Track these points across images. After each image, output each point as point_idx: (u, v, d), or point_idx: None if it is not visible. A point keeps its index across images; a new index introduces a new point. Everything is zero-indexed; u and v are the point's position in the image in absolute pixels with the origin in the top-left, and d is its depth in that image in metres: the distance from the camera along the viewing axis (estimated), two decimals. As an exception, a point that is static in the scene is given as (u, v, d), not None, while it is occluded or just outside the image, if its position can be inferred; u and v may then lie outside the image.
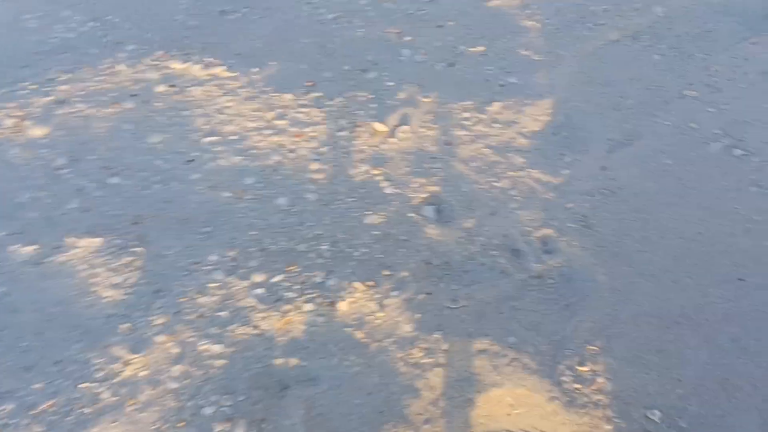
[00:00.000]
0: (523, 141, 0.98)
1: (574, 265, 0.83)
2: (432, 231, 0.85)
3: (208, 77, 1.06)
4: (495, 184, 0.91)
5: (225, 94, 1.03)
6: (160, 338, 0.75)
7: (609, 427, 0.68)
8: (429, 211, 0.88)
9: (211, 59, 1.09)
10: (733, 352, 0.75)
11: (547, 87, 1.06)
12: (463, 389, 0.71)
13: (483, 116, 1.01)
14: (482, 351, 0.74)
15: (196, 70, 1.06)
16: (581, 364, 0.72)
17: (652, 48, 1.16)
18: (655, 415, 0.69)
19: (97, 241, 0.83)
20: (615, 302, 0.78)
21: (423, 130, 0.98)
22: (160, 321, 0.77)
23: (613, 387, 0.71)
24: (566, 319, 0.77)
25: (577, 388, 0.70)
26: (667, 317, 0.77)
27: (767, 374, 0.73)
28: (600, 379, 0.71)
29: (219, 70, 1.06)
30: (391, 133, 0.97)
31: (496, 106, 1.03)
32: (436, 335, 0.75)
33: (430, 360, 0.73)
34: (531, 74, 1.09)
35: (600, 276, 0.81)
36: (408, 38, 1.14)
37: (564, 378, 0.71)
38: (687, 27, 1.21)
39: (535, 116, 1.01)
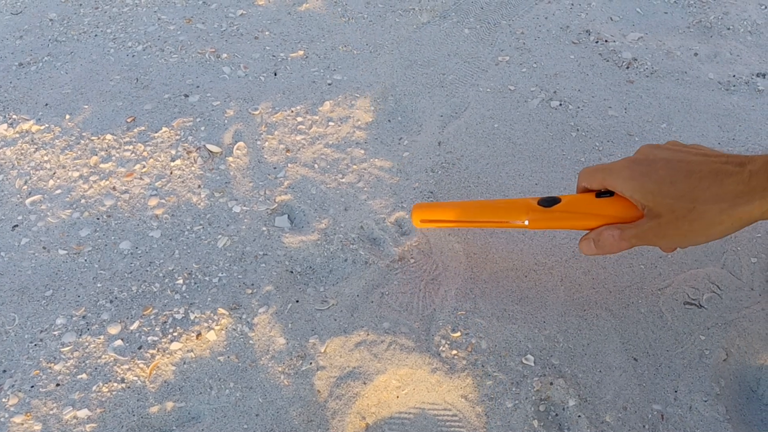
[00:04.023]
0: (360, 134, 0.99)
1: (430, 240, 0.85)
2: (289, 239, 0.84)
3: (17, 135, 0.98)
4: (342, 180, 0.91)
5: (40, 148, 0.96)
6: (18, 419, 0.69)
7: (490, 382, 0.70)
8: (282, 221, 0.86)
9: (17, 116, 1.01)
10: (587, 284, 0.80)
11: (373, 77, 1.08)
12: (348, 385, 0.71)
13: (316, 117, 1.01)
14: (360, 343, 0.74)
15: (2, 129, 0.98)
16: (454, 330, 0.74)
17: (461, 23, 1.22)
18: (529, 359, 0.72)
19: None
20: (473, 265, 0.80)
21: (259, 142, 0.97)
22: (13, 401, 0.70)
23: (486, 344, 0.73)
24: (433, 292, 0.79)
25: (455, 354, 0.72)
26: (523, 268, 0.81)
27: (618, 298, 0.79)
28: (473, 340, 0.73)
29: (28, 125, 0.99)
30: (228, 152, 0.95)
31: (327, 105, 1.03)
32: (312, 340, 0.74)
33: (311, 365, 0.72)
34: (355, 68, 1.11)
35: (455, 244, 0.83)
36: (225, 55, 1.12)
37: (441, 348, 0.73)
38: (489, -1, 1.28)
39: (367, 107, 1.03)
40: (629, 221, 0.65)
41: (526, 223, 0.71)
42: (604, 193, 0.67)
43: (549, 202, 0.70)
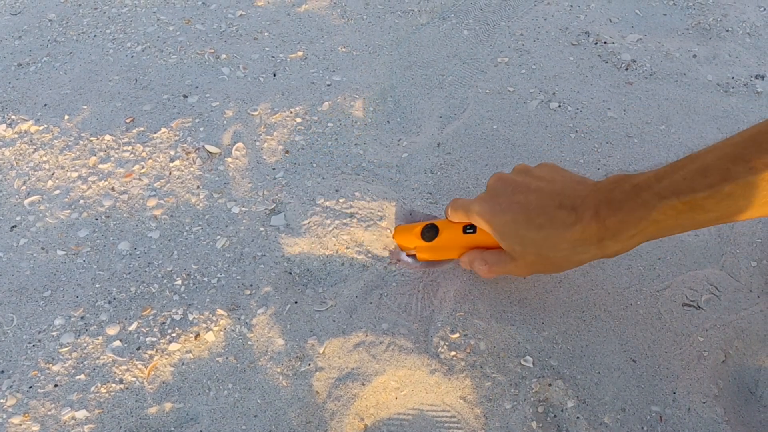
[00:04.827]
0: (358, 133, 0.99)
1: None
2: (286, 240, 0.83)
3: (16, 135, 0.98)
4: (341, 180, 0.91)
5: (38, 149, 0.96)
6: (16, 419, 0.69)
7: (489, 383, 0.70)
8: (278, 219, 0.86)
9: (15, 116, 1.00)
10: (585, 285, 0.80)
11: (372, 78, 1.08)
12: (347, 387, 0.71)
13: (315, 118, 1.01)
14: (358, 344, 0.74)
15: (1, 130, 0.98)
16: (453, 331, 0.74)
17: (461, 24, 1.22)
18: (528, 361, 0.72)
19: None
20: (473, 266, 0.80)
21: (258, 143, 0.97)
22: (11, 402, 0.70)
23: (485, 345, 0.73)
24: (432, 293, 0.79)
25: (453, 355, 0.72)
26: (522, 268, 0.80)
27: (617, 299, 0.79)
28: (472, 341, 0.73)
29: (27, 126, 0.99)
30: (227, 153, 0.95)
31: (326, 106, 1.03)
32: (311, 341, 0.74)
33: (309, 367, 0.72)
34: (354, 69, 1.11)
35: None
36: (225, 56, 1.12)
37: (440, 349, 0.73)
38: (487, 0, 1.28)
39: (366, 108, 1.03)
40: (496, 247, 0.69)
41: (412, 259, 0.81)
42: (469, 228, 0.73)
43: (430, 234, 0.77)
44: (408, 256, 0.81)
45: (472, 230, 0.73)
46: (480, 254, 0.71)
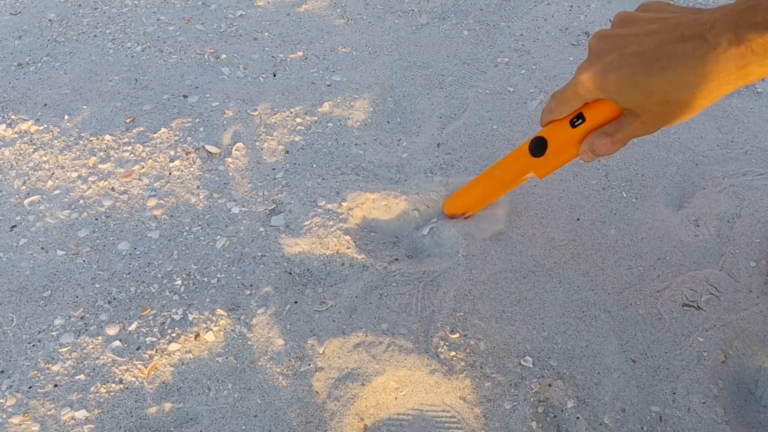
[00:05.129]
0: (358, 133, 0.99)
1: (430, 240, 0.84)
2: (286, 240, 0.83)
3: (16, 135, 0.98)
4: (341, 180, 0.91)
5: (38, 149, 0.96)
6: (16, 419, 0.69)
7: (488, 383, 0.70)
8: (277, 219, 0.86)
9: (15, 116, 1.00)
10: (585, 286, 0.80)
11: (372, 78, 1.08)
12: (347, 387, 0.71)
13: (315, 118, 1.01)
14: (358, 344, 0.74)
15: (1, 130, 0.98)
16: (453, 332, 0.74)
17: (461, 25, 1.22)
18: (528, 361, 0.72)
19: None
20: (472, 267, 0.80)
21: (258, 143, 0.97)
22: (11, 402, 0.70)
23: (485, 346, 0.73)
24: (432, 293, 0.79)
25: (453, 356, 0.72)
26: (521, 269, 0.81)
27: (617, 299, 0.79)
28: (472, 342, 0.73)
29: (27, 126, 0.99)
30: (227, 153, 0.95)
31: (326, 106, 1.03)
32: (311, 341, 0.74)
33: (309, 367, 0.72)
34: (354, 69, 1.11)
35: (454, 245, 0.83)
36: (224, 56, 1.12)
37: (440, 349, 0.73)
38: (487, 0, 1.28)
39: (366, 109, 1.03)
40: (613, 120, 0.63)
41: (532, 175, 0.75)
42: (576, 119, 0.67)
43: (538, 149, 0.72)
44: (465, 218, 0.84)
45: (580, 121, 0.66)
46: (596, 133, 0.64)
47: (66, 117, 1.00)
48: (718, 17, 0.51)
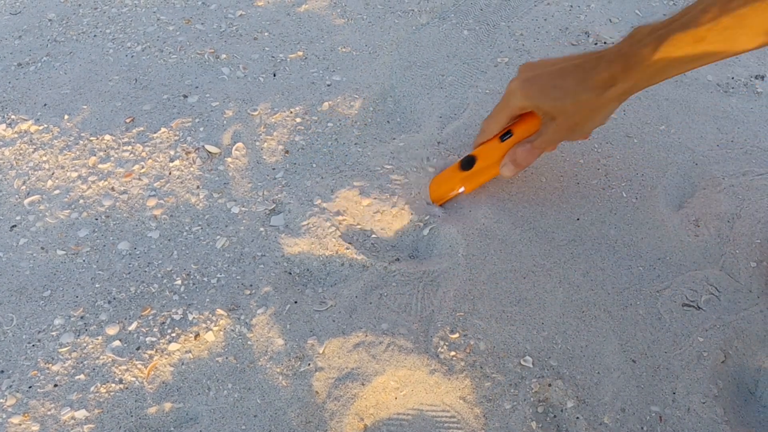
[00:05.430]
0: (357, 133, 0.99)
1: (430, 240, 0.84)
2: (286, 240, 0.83)
3: (16, 135, 0.98)
4: (341, 180, 0.91)
5: (38, 149, 0.96)
6: (16, 419, 0.69)
7: (488, 383, 0.70)
8: (277, 219, 0.86)
9: (15, 116, 1.00)
10: (585, 286, 0.80)
11: (372, 78, 1.08)
12: (347, 387, 0.71)
13: (315, 118, 1.01)
14: (358, 344, 0.74)
15: (1, 129, 0.98)
16: (452, 331, 0.74)
17: (461, 24, 1.22)
18: (528, 361, 0.72)
19: None
20: (472, 267, 0.81)
21: (258, 143, 0.97)
22: (11, 402, 0.70)
23: (485, 346, 0.73)
24: (432, 293, 0.79)
25: (453, 355, 0.72)
26: (521, 269, 0.81)
27: (617, 299, 0.79)
28: (472, 342, 0.73)
29: (27, 126, 0.99)
30: (227, 153, 0.95)
31: (326, 106, 1.03)
32: (311, 341, 0.74)
33: (309, 366, 0.72)
34: (354, 69, 1.11)
35: (454, 245, 0.83)
36: (224, 56, 1.12)
37: (440, 349, 0.73)
38: (487, 0, 1.28)
39: (366, 108, 1.03)
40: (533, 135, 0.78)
41: (462, 190, 0.87)
42: (505, 135, 0.80)
43: (468, 163, 0.84)
44: (437, 206, 0.88)
45: (508, 135, 0.80)
46: (518, 143, 0.80)
47: (66, 117, 1.00)
48: (612, 46, 0.69)
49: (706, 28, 0.60)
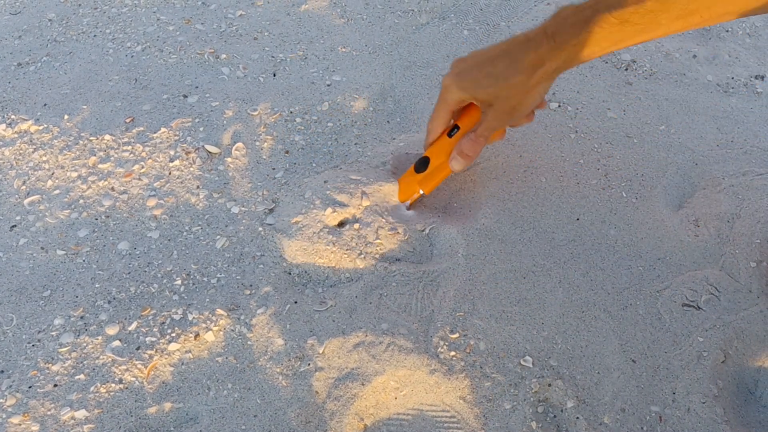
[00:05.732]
0: (357, 132, 0.99)
1: (430, 240, 0.84)
2: (286, 240, 0.83)
3: (16, 135, 0.98)
4: (341, 180, 0.91)
5: (38, 148, 0.96)
6: (16, 419, 0.69)
7: (488, 383, 0.70)
8: (273, 218, 0.86)
9: (15, 116, 1.00)
10: (585, 286, 0.80)
11: (372, 78, 1.08)
12: (347, 387, 0.71)
13: (315, 118, 1.01)
14: (358, 344, 0.74)
15: (1, 129, 0.98)
16: (452, 331, 0.74)
17: (461, 24, 1.22)
18: (528, 361, 0.72)
19: None
20: (472, 267, 0.81)
21: (258, 143, 0.97)
22: (11, 402, 0.70)
23: (485, 346, 0.73)
24: (432, 293, 0.79)
25: (453, 355, 0.72)
26: (521, 269, 0.81)
27: (617, 299, 0.79)
28: (472, 341, 0.73)
29: (27, 126, 0.99)
30: (227, 153, 0.95)
31: (326, 106, 1.03)
32: (310, 341, 0.74)
33: (309, 366, 0.72)
34: (354, 69, 1.11)
35: (454, 245, 0.83)
36: (224, 56, 1.12)
37: (440, 349, 0.73)
38: (487, 0, 1.28)
39: (366, 108, 1.03)
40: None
41: (422, 192, 0.86)
42: (452, 130, 0.81)
43: (422, 165, 0.84)
44: (407, 209, 0.88)
45: (456, 130, 0.81)
46: (463, 136, 0.80)
47: (66, 117, 1.00)
48: (539, 26, 0.69)
49: (632, 10, 0.61)
